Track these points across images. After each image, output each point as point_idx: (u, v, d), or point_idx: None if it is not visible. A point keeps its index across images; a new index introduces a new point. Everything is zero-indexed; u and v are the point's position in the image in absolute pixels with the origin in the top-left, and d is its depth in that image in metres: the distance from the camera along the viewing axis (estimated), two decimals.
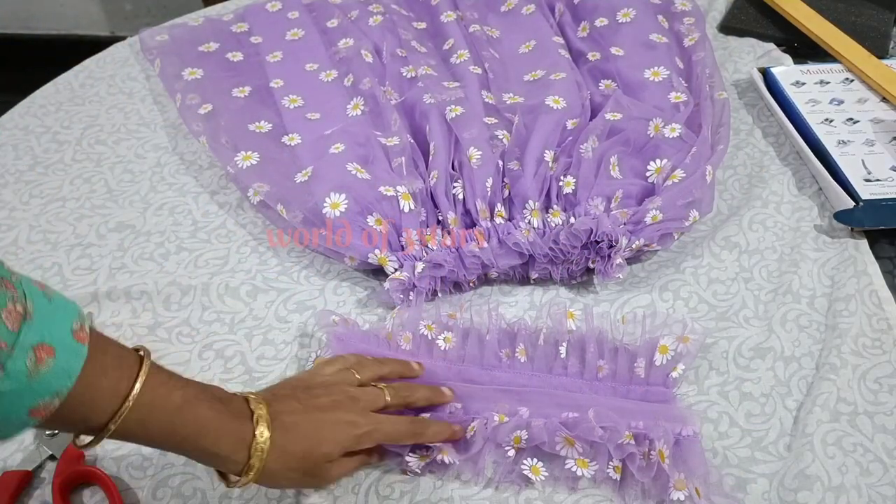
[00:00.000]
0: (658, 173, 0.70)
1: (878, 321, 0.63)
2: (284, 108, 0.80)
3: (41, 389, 0.39)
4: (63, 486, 0.54)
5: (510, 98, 0.77)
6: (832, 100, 0.82)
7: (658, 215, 0.66)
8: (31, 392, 0.38)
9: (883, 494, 0.52)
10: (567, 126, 0.73)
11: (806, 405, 0.57)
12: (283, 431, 0.48)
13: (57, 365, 0.39)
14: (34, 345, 0.38)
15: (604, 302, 0.66)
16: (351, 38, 0.86)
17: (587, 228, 0.64)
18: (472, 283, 0.67)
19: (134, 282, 0.68)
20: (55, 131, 0.85)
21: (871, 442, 0.55)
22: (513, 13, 0.91)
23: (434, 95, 0.75)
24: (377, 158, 0.70)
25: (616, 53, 0.82)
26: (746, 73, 0.88)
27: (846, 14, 0.94)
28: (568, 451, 0.54)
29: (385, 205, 0.66)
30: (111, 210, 0.76)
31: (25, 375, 0.38)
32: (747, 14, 0.97)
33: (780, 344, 0.62)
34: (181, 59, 0.87)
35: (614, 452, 0.53)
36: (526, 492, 0.54)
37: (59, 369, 0.39)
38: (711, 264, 0.68)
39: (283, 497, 0.54)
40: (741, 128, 0.82)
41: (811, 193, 0.75)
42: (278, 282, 0.68)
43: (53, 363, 0.39)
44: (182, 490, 0.55)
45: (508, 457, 0.54)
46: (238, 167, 0.73)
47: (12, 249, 0.72)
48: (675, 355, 0.58)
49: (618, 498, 0.53)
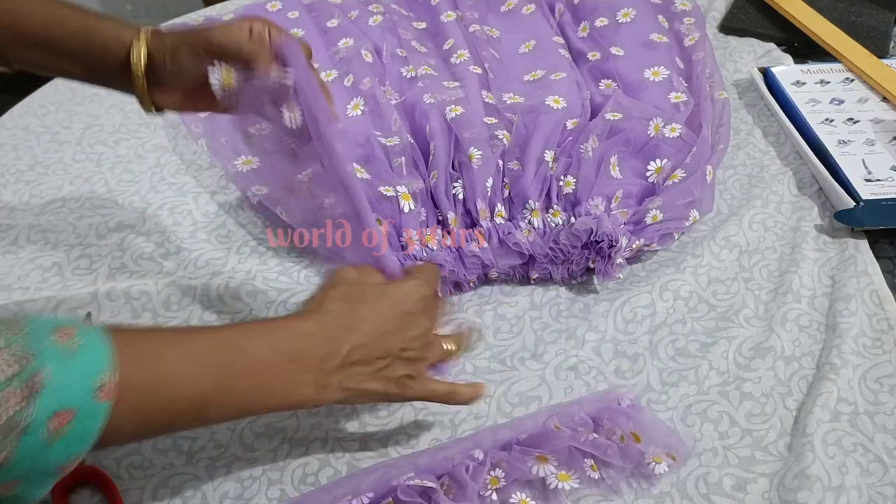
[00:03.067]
0: (658, 173, 0.70)
1: (878, 321, 0.63)
2: None
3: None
4: (63, 486, 0.54)
5: (510, 98, 0.77)
6: (832, 99, 0.82)
7: (658, 215, 0.66)
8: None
9: (883, 494, 0.52)
10: (567, 126, 0.73)
11: (806, 405, 0.57)
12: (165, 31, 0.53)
13: (77, 428, 0.36)
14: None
15: (604, 301, 0.66)
16: (351, 38, 0.86)
17: (588, 228, 0.64)
18: (472, 282, 0.67)
19: (134, 282, 0.68)
20: (55, 131, 0.85)
21: (872, 442, 0.55)
22: (513, 13, 0.91)
23: (434, 95, 0.75)
24: (377, 158, 0.70)
25: (616, 53, 0.82)
26: (746, 72, 0.88)
27: (846, 14, 0.94)
28: (545, 470, 0.52)
29: (385, 205, 0.66)
30: (111, 210, 0.76)
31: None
32: (747, 14, 0.97)
33: (781, 344, 0.62)
34: None
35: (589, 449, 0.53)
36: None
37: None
38: (711, 264, 0.68)
39: (283, 496, 0.54)
40: (741, 128, 0.82)
41: (811, 193, 0.75)
42: (278, 282, 0.68)
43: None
44: (182, 490, 0.55)
45: (494, 501, 0.51)
46: (238, 170, 0.73)
47: (12, 249, 0.72)
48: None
49: (612, 493, 0.53)
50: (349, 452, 0.56)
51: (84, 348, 0.37)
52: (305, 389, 0.46)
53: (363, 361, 0.48)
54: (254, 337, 0.45)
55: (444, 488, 0.51)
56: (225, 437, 0.57)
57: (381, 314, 0.49)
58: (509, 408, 0.59)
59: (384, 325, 0.49)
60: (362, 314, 0.48)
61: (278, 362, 0.45)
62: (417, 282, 0.52)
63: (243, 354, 0.44)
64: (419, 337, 0.51)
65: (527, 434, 0.54)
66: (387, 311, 0.49)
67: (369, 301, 0.49)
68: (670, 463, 0.53)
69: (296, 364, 0.45)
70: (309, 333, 0.46)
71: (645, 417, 0.56)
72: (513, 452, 0.53)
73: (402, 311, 0.50)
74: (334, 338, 0.47)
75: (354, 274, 0.51)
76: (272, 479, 0.55)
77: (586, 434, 0.53)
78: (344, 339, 0.47)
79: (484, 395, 0.55)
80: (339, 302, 0.48)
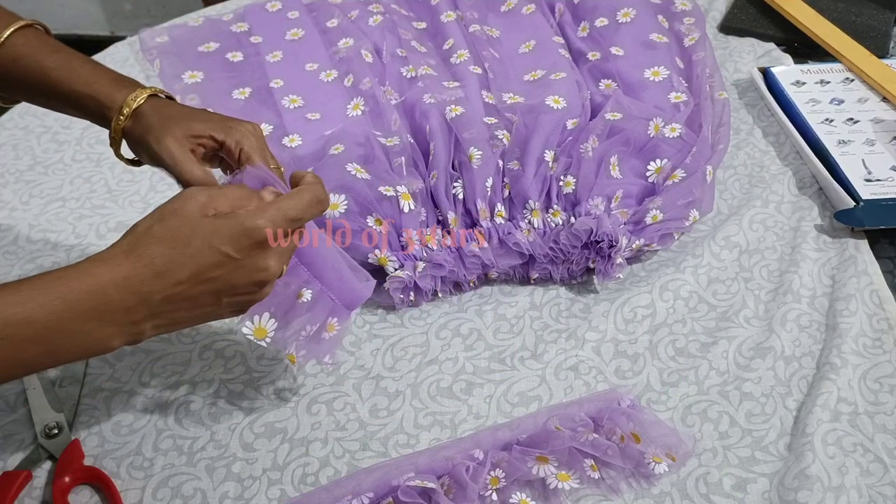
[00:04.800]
0: (658, 173, 0.70)
1: (878, 321, 0.63)
2: (284, 108, 0.80)
3: None
4: (63, 486, 0.54)
5: (510, 98, 0.77)
6: (832, 99, 0.82)
7: (658, 215, 0.66)
8: None
9: (883, 494, 0.52)
10: (567, 126, 0.73)
11: (806, 405, 0.57)
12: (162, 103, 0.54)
13: None
14: None
15: (604, 301, 0.66)
16: (351, 38, 0.86)
17: (588, 228, 0.64)
18: (472, 282, 0.67)
19: None
20: (55, 131, 0.85)
21: (872, 442, 0.55)
22: (513, 13, 0.91)
23: (434, 95, 0.75)
24: (377, 158, 0.70)
25: (616, 53, 0.82)
26: (746, 72, 0.88)
27: (846, 14, 0.94)
28: (545, 470, 0.52)
29: (385, 205, 0.66)
30: (111, 210, 0.76)
31: None
32: (747, 14, 0.97)
33: (781, 344, 0.62)
34: (181, 59, 0.87)
35: (589, 450, 0.53)
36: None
37: None
38: (711, 264, 0.68)
39: (283, 496, 0.54)
40: (741, 128, 0.82)
41: (811, 193, 0.75)
42: None
43: None
44: (182, 490, 0.55)
45: (494, 501, 0.51)
46: None
47: (12, 249, 0.72)
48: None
49: (612, 493, 0.53)
50: (349, 452, 0.56)
51: None
52: (111, 341, 0.43)
53: (180, 307, 0.44)
54: (46, 304, 0.41)
55: (444, 488, 0.51)
56: (225, 437, 0.57)
57: (203, 258, 0.43)
58: (509, 408, 0.59)
59: (206, 271, 0.44)
60: (181, 258, 0.43)
61: (73, 327, 0.41)
62: (270, 214, 0.45)
63: (31, 326, 0.40)
64: (252, 284, 0.46)
65: (527, 434, 0.54)
66: (212, 255, 0.43)
67: (195, 242, 0.43)
68: (670, 463, 0.53)
69: (95, 322, 0.42)
70: (109, 287, 0.42)
71: (645, 417, 0.56)
72: (513, 452, 0.53)
73: (232, 255, 0.44)
74: (141, 289, 0.42)
75: (198, 201, 0.44)
76: (272, 479, 0.55)
77: (586, 434, 0.53)
78: (153, 288, 0.43)
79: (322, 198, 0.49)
80: (157, 244, 0.43)
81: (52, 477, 0.55)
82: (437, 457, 0.53)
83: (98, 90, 0.54)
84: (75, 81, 0.54)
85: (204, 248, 0.43)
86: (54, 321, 0.41)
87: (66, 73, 0.54)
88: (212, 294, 0.45)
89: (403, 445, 0.57)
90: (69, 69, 0.54)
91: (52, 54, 0.55)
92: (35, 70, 0.54)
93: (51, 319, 0.41)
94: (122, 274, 0.42)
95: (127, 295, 0.42)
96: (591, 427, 0.54)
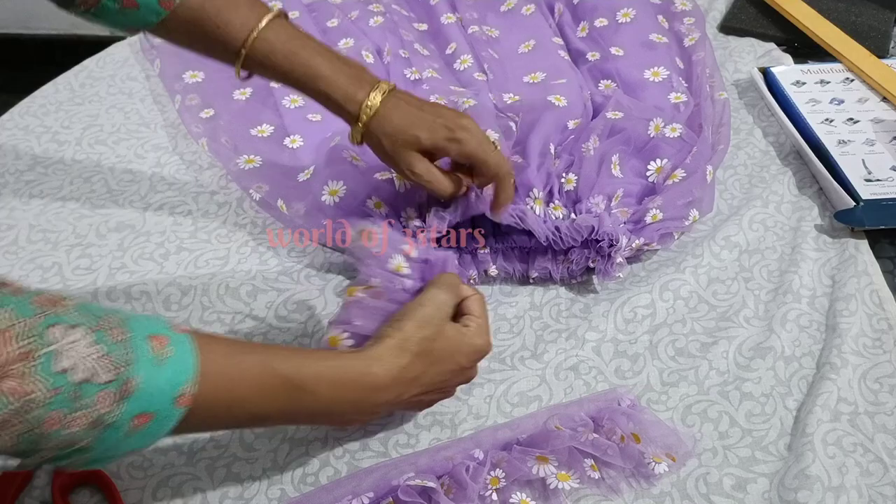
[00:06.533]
0: (658, 173, 0.70)
1: (878, 321, 0.63)
2: (285, 108, 0.80)
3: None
4: (63, 486, 0.54)
5: (510, 98, 0.77)
6: (832, 99, 0.82)
7: (658, 214, 0.66)
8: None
9: (883, 494, 0.52)
10: (569, 126, 0.73)
11: (806, 405, 0.57)
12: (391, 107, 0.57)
13: (152, 426, 0.40)
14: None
15: (604, 301, 0.66)
16: (351, 39, 0.86)
17: (589, 226, 0.64)
18: (472, 279, 0.67)
19: (134, 282, 0.68)
20: (55, 131, 0.85)
21: (872, 442, 0.55)
22: (512, 13, 0.91)
23: (441, 98, 0.75)
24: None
25: (616, 53, 0.82)
26: (746, 72, 0.88)
27: (846, 14, 0.94)
28: (545, 470, 0.52)
29: (381, 188, 0.66)
30: (111, 210, 0.76)
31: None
32: (747, 14, 0.97)
33: (781, 344, 0.62)
34: (181, 59, 0.87)
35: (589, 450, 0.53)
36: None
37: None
38: (712, 264, 0.68)
39: (283, 496, 0.54)
40: (741, 128, 0.82)
41: (811, 193, 0.75)
42: (278, 282, 0.68)
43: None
44: (182, 490, 0.55)
45: (494, 501, 0.51)
46: (240, 168, 0.73)
47: (12, 249, 0.72)
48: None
49: (612, 493, 0.53)
50: (349, 452, 0.56)
51: (173, 360, 0.40)
52: (356, 421, 0.52)
53: (411, 404, 0.53)
54: (328, 386, 0.47)
55: (444, 488, 0.51)
56: (225, 437, 0.57)
57: (445, 370, 0.52)
58: (509, 408, 0.59)
59: (444, 380, 0.52)
60: (431, 371, 0.51)
61: (341, 409, 0.48)
62: (486, 339, 0.54)
63: (312, 398, 0.46)
64: (462, 382, 0.55)
65: (527, 434, 0.54)
66: (450, 368, 0.52)
67: (442, 358, 0.51)
68: (670, 463, 0.53)
69: (357, 407, 0.49)
70: (380, 389, 0.48)
71: (645, 417, 0.56)
72: (513, 452, 0.53)
73: (462, 367, 0.52)
74: (399, 391, 0.49)
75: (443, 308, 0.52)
76: (272, 479, 0.55)
77: (586, 434, 0.53)
78: (407, 390, 0.50)
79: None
80: (417, 355, 0.49)
81: (52, 477, 0.55)
82: (437, 457, 0.53)
83: (335, 90, 0.59)
84: (318, 82, 0.59)
85: (452, 364, 0.52)
86: (331, 401, 0.47)
87: (309, 74, 0.59)
88: (436, 392, 0.53)
89: (403, 445, 0.57)
90: (311, 68, 0.58)
91: (294, 55, 0.58)
92: (281, 70, 0.59)
93: (329, 398, 0.47)
94: (391, 379, 0.48)
95: (387, 395, 0.49)
96: (591, 427, 0.54)
